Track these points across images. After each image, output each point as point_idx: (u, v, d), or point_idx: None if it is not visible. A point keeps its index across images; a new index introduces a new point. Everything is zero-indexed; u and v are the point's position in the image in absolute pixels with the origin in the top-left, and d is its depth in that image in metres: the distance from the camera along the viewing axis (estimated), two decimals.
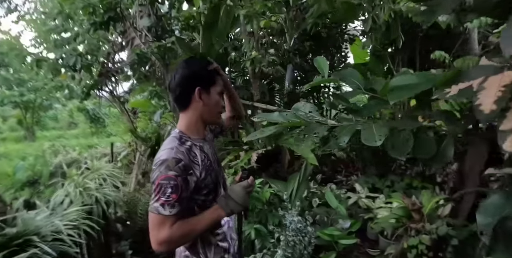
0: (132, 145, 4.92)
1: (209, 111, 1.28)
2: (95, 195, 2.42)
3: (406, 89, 1.13)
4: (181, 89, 1.26)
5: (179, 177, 1.11)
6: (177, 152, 1.16)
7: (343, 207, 3.19)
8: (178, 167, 1.12)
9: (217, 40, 3.74)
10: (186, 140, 1.25)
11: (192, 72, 1.26)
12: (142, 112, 6.16)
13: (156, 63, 3.74)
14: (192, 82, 1.24)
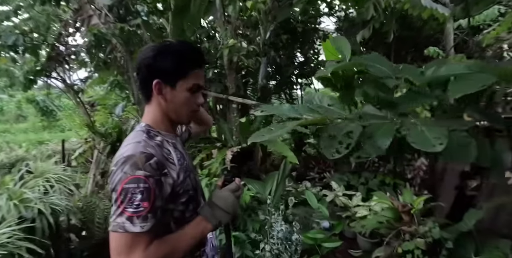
0: (89, 141, 4.26)
1: (175, 110, 0.99)
2: (36, 207, 1.87)
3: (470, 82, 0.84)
4: (140, 79, 1.01)
5: (151, 177, 0.83)
6: (146, 145, 0.88)
7: (324, 207, 2.94)
8: (149, 164, 0.83)
9: (189, 26, 3.26)
10: (155, 134, 0.97)
11: (151, 59, 0.95)
12: (101, 105, 5.45)
13: (118, 48, 3.17)
14: (150, 73, 0.96)
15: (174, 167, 0.94)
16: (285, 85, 5.90)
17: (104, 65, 3.45)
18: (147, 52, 0.96)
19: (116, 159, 0.87)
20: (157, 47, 0.97)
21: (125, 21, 3.32)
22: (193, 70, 0.97)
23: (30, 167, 2.31)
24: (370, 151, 0.79)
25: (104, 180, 4.07)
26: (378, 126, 0.84)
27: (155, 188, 0.83)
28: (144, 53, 0.97)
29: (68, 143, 5.84)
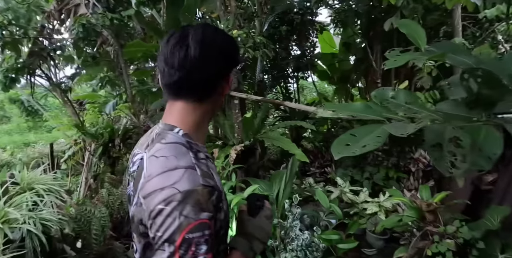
0: (79, 142, 3.91)
1: (220, 105, 0.80)
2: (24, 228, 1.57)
3: None
4: (207, 72, 0.70)
5: (213, 219, 0.62)
6: (204, 174, 0.63)
7: (336, 205, 2.76)
8: (211, 201, 0.62)
9: (185, 16, 2.96)
10: (197, 150, 0.70)
11: (229, 46, 0.74)
12: (91, 103, 5.07)
13: (109, 42, 2.84)
14: (228, 64, 0.74)
15: (224, 197, 0.70)
16: (281, 79, 5.67)
17: (93, 60, 3.11)
18: (225, 37, 0.73)
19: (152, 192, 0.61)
20: (225, 34, 0.75)
21: (115, 11, 2.99)
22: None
23: (15, 177, 1.99)
24: (480, 162, 0.57)
25: (98, 183, 3.76)
26: (477, 131, 0.63)
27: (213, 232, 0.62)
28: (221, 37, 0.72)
29: (56, 144, 5.44)
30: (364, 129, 0.66)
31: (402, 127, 0.64)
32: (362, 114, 0.73)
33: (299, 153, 2.88)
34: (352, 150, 0.59)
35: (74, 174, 4.60)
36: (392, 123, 0.68)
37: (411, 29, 0.86)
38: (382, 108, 0.77)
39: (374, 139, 0.61)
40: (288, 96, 5.96)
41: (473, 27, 3.93)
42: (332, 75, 5.75)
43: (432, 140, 0.62)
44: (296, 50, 5.60)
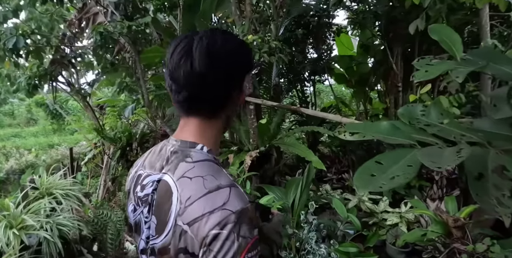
0: (98, 145, 3.98)
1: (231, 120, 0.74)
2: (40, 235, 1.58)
3: None
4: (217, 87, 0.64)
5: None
6: (242, 195, 0.60)
7: (354, 215, 2.63)
8: (256, 217, 0.63)
9: (201, 22, 2.93)
10: (222, 169, 0.66)
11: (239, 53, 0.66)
12: (111, 106, 5.17)
13: (126, 48, 2.86)
14: (238, 73, 0.66)
15: None
16: (297, 83, 5.56)
17: (111, 66, 3.14)
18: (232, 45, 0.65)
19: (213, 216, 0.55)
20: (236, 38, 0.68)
21: (133, 19, 3.01)
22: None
23: (35, 181, 2.02)
24: None
25: (115, 186, 3.80)
26: None
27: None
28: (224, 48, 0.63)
29: (78, 146, 5.59)
30: (392, 155, 0.57)
31: (438, 155, 0.55)
32: (389, 136, 0.63)
33: (315, 160, 2.77)
34: (378, 183, 0.50)
35: (94, 176, 4.69)
36: (426, 150, 0.58)
37: (445, 35, 0.75)
38: (411, 128, 0.67)
39: (404, 169, 0.52)
40: (305, 100, 5.84)
41: (500, 26, 3.68)
42: (350, 78, 5.57)
43: (472, 169, 0.52)
44: (313, 53, 5.48)
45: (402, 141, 0.61)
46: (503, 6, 1.80)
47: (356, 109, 6.00)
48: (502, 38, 4.29)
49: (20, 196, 1.77)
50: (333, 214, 3.60)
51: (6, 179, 4.62)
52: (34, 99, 8.82)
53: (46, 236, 1.59)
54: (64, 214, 1.85)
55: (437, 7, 1.90)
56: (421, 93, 4.06)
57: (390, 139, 0.63)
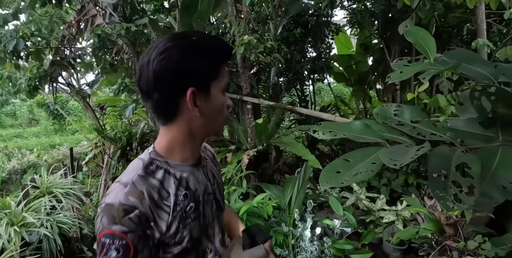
0: (99, 145, 4.05)
1: (210, 123, 0.76)
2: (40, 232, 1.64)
3: None
4: (160, 93, 0.70)
5: (131, 233, 0.67)
6: (131, 192, 0.69)
7: (350, 214, 2.67)
8: (128, 218, 0.67)
9: (198, 22, 2.98)
10: (158, 167, 0.75)
11: (181, 61, 0.68)
12: (111, 106, 5.24)
13: (124, 49, 2.91)
14: (180, 81, 0.69)
15: (166, 217, 0.72)
16: (296, 82, 5.59)
17: (111, 67, 3.20)
18: (175, 53, 0.67)
19: (101, 200, 0.72)
20: (183, 43, 0.69)
21: (131, 20, 3.06)
22: (222, 66, 0.73)
23: (36, 181, 2.09)
24: (493, 194, 0.51)
25: None
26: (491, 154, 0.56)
27: (136, 244, 0.67)
28: (168, 54, 0.67)
29: (79, 146, 5.67)
30: (360, 153, 0.61)
31: (400, 153, 0.59)
32: (360, 135, 0.67)
33: (312, 159, 2.82)
34: (341, 179, 0.54)
35: (95, 175, 4.77)
36: (391, 148, 0.63)
37: (420, 37, 0.79)
38: (383, 127, 0.71)
39: (368, 166, 0.56)
40: (304, 99, 5.87)
41: (498, 24, 3.69)
42: (349, 77, 5.60)
43: (435, 166, 0.56)
44: (312, 52, 5.51)
45: (373, 140, 0.65)
46: (494, 4, 1.83)
47: (355, 108, 6.03)
48: (501, 36, 4.31)
49: (21, 195, 1.83)
50: (331, 212, 3.64)
51: (8, 179, 4.71)
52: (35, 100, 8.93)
53: (47, 233, 1.65)
54: (64, 212, 1.91)
55: (427, 8, 1.93)
56: (419, 92, 4.09)
57: (361, 137, 0.67)
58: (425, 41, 0.77)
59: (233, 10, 2.82)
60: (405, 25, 2.08)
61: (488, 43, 2.08)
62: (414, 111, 0.72)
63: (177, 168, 0.76)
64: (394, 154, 0.57)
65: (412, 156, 0.53)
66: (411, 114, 0.72)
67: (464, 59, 0.80)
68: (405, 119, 0.71)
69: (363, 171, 0.54)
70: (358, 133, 0.68)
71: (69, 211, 2.01)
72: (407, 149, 0.62)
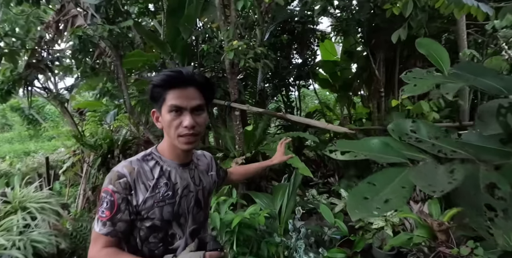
0: (78, 153, 3.81)
1: (168, 134, 1.02)
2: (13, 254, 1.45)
3: None
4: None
5: (117, 193, 0.94)
6: (127, 166, 0.98)
7: (341, 220, 2.63)
8: (118, 182, 0.95)
9: (185, 26, 2.88)
10: (153, 158, 1.04)
11: (149, 89, 1.01)
12: (91, 111, 4.99)
13: (107, 53, 2.75)
14: (151, 103, 1.05)
15: (145, 192, 0.97)
16: (282, 88, 5.57)
17: (92, 71, 3.02)
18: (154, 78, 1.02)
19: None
20: (155, 76, 1.06)
21: (114, 22, 2.91)
22: (168, 91, 0.96)
23: (7, 195, 1.88)
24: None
25: (96, 195, 3.64)
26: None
27: (120, 203, 0.94)
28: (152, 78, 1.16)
29: (56, 153, 5.34)
30: (384, 176, 0.54)
31: (431, 175, 0.53)
32: (381, 155, 0.61)
33: (302, 166, 2.76)
34: (371, 207, 0.47)
35: (74, 184, 4.49)
36: (418, 168, 0.56)
37: (432, 50, 0.75)
38: (402, 145, 0.65)
39: (398, 191, 0.50)
40: (290, 104, 5.86)
41: (476, 34, 3.83)
42: (334, 83, 5.65)
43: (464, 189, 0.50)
44: (297, 59, 5.51)
45: (395, 159, 0.59)
46: (481, 16, 1.86)
47: (340, 114, 6.08)
48: (477, 45, 4.48)
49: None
50: (320, 219, 3.59)
51: None
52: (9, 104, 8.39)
53: (19, 255, 1.47)
54: (39, 230, 1.73)
55: (419, 18, 1.93)
56: (402, 99, 4.14)
57: (383, 157, 0.61)
58: (438, 53, 0.73)
59: (221, 15, 2.74)
60: (398, 34, 2.08)
61: (475, 53, 2.11)
62: (430, 127, 0.67)
63: (166, 163, 1.03)
64: (425, 176, 0.51)
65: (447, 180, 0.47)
66: (428, 130, 0.67)
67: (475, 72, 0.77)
68: (422, 136, 0.66)
69: (394, 197, 0.48)
70: (378, 152, 0.62)
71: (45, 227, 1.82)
72: (434, 169, 0.56)
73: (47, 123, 6.46)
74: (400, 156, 0.59)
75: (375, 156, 0.60)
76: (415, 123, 0.70)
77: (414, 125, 0.69)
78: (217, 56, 3.11)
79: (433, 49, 0.74)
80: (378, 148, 0.62)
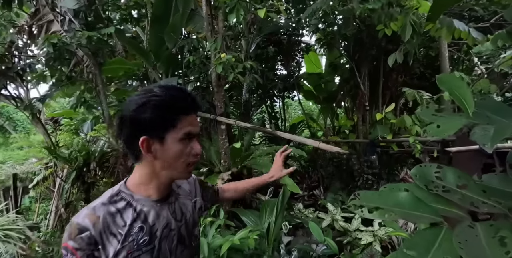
0: (50, 166, 3.51)
1: (169, 167, 0.84)
2: None
3: None
4: (124, 136, 0.84)
5: (80, 250, 0.76)
6: (90, 215, 0.79)
7: (330, 237, 2.54)
8: (80, 237, 0.77)
9: (171, 36, 2.75)
10: (122, 198, 0.84)
11: (134, 112, 0.80)
12: (66, 119, 4.67)
13: (85, 61, 2.56)
14: (135, 129, 0.81)
15: (116, 244, 0.80)
16: (267, 98, 5.52)
17: (68, 80, 2.80)
18: (130, 105, 0.81)
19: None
20: (140, 97, 0.81)
21: (94, 28, 2.73)
22: (181, 119, 0.82)
23: None
24: None
25: (69, 212, 3.36)
26: None
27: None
28: (127, 106, 0.81)
29: (26, 164, 4.94)
30: (419, 239, 0.46)
31: (472, 242, 0.44)
32: (413, 211, 0.53)
33: (290, 183, 2.67)
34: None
35: (45, 198, 4.14)
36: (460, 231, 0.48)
37: (454, 87, 0.68)
38: (432, 198, 0.57)
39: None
40: (275, 116, 5.80)
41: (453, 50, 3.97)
42: (318, 95, 5.66)
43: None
44: (282, 70, 5.49)
45: (431, 220, 0.50)
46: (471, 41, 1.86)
47: (323, 125, 6.09)
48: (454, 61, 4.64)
49: None
50: (307, 234, 3.50)
51: None
52: None
53: None
54: None
55: (414, 41, 1.92)
56: (386, 112, 4.16)
57: (415, 215, 0.52)
58: (461, 91, 0.66)
59: (208, 26, 2.63)
60: (394, 57, 2.06)
61: (465, 76, 2.12)
62: (456, 173, 0.59)
63: (139, 202, 0.84)
64: (467, 244, 0.43)
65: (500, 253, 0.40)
66: (455, 177, 0.59)
67: (495, 110, 0.71)
68: (450, 184, 0.59)
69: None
70: (409, 208, 0.54)
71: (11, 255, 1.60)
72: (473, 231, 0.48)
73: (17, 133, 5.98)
74: (434, 213, 0.51)
75: (407, 213, 0.52)
76: (440, 169, 0.62)
77: (439, 171, 0.62)
78: (202, 67, 2.99)
79: (456, 87, 0.67)
80: (408, 203, 0.54)
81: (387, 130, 3.93)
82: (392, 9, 1.92)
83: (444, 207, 0.55)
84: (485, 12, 3.32)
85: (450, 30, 1.74)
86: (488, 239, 0.46)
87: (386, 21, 1.94)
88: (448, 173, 0.63)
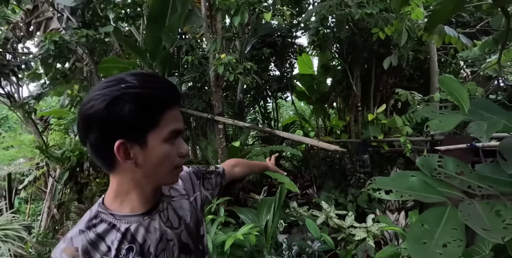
0: (41, 166, 3.47)
1: (153, 173, 0.70)
2: None
3: None
4: (90, 143, 0.66)
5: None
6: (66, 249, 0.69)
7: (326, 233, 2.64)
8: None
9: (169, 35, 2.79)
10: (102, 220, 0.73)
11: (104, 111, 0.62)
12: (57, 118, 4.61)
13: (84, 59, 2.57)
14: (106, 132, 0.64)
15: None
16: (260, 99, 5.61)
17: (64, 78, 2.80)
18: (97, 103, 0.62)
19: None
20: (110, 90, 0.63)
21: (91, 26, 2.75)
22: (165, 113, 0.67)
23: None
24: None
25: (62, 213, 3.33)
26: None
27: None
28: (93, 102, 0.62)
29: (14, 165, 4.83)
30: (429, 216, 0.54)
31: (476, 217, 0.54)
32: (423, 194, 0.62)
33: (287, 181, 2.74)
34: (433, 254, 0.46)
35: (36, 199, 4.08)
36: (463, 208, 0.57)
37: (454, 89, 0.78)
38: (438, 183, 0.67)
39: (451, 234, 0.50)
40: (268, 116, 5.90)
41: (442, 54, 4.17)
42: (310, 96, 5.79)
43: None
44: (275, 71, 5.60)
45: (438, 199, 0.59)
46: (460, 47, 2.00)
47: (315, 125, 6.23)
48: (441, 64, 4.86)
49: None
50: (302, 232, 3.59)
51: None
52: None
53: None
54: None
55: (409, 46, 2.05)
56: (377, 113, 4.32)
57: (426, 196, 0.61)
58: (459, 92, 0.76)
59: (207, 26, 2.70)
60: (389, 60, 2.18)
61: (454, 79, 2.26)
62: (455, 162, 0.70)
63: (123, 220, 0.73)
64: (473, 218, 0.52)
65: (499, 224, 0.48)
66: (454, 165, 0.70)
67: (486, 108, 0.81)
68: (450, 171, 0.69)
69: (451, 241, 0.48)
70: (419, 190, 0.63)
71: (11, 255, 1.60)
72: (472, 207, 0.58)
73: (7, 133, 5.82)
74: (439, 195, 0.60)
75: (419, 195, 0.61)
76: (442, 159, 0.73)
77: (441, 160, 0.72)
78: (200, 67, 3.05)
79: (454, 89, 0.77)
80: (418, 187, 0.63)
81: (378, 130, 4.09)
82: (388, 14, 2.04)
83: (447, 189, 0.64)
84: (471, 18, 3.52)
85: (441, 36, 1.88)
86: (486, 212, 0.55)
87: (382, 26, 2.06)
88: (448, 162, 0.73)
